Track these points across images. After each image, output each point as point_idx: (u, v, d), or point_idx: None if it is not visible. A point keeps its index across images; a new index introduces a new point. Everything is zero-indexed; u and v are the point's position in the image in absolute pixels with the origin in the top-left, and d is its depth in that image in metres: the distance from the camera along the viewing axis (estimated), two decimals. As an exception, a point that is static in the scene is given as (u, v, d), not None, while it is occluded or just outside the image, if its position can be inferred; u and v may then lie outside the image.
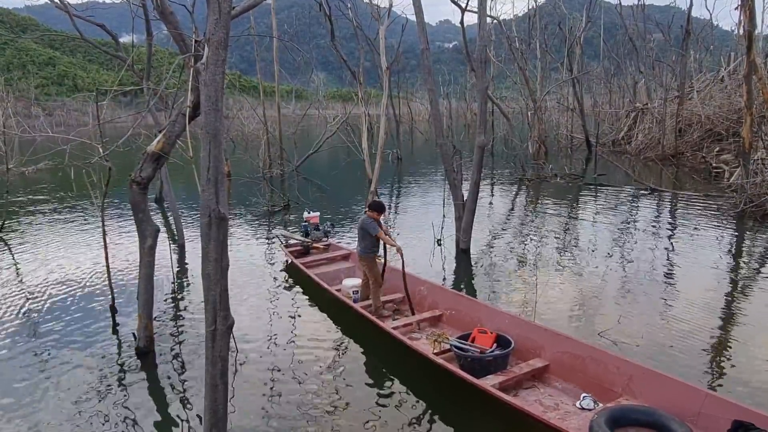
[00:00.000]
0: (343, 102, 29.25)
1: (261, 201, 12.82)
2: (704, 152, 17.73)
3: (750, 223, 10.16)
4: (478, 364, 4.45)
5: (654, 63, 27.69)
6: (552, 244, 9.43)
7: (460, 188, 8.86)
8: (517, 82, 25.46)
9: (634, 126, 23.02)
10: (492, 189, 15.72)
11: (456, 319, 5.48)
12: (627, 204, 12.93)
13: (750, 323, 6.03)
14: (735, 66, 19.97)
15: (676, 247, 9.16)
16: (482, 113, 8.50)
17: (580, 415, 3.89)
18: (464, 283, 7.62)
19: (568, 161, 19.85)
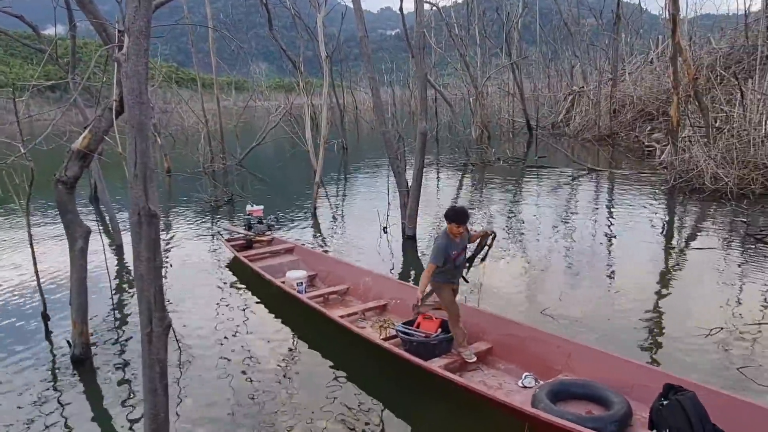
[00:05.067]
0: (286, 93, 28.73)
1: (203, 196, 12.48)
2: (637, 132, 18.50)
3: (680, 198, 10.71)
4: (424, 348, 4.50)
5: (588, 47, 28.61)
6: (497, 227, 9.62)
7: (404, 175, 8.89)
8: (459, 68, 25.74)
9: (572, 109, 23.76)
10: (438, 175, 15.89)
11: (401, 308, 5.51)
12: (567, 184, 13.35)
13: (682, 294, 6.37)
14: (662, 48, 20.87)
15: (614, 223, 9.55)
16: (423, 100, 8.53)
17: (522, 392, 4.01)
18: (410, 270, 7.67)
19: (511, 145, 20.32)
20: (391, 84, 27.88)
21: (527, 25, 33.76)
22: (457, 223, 4.49)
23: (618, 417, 3.43)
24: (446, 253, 4.47)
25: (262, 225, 8.12)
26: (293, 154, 19.93)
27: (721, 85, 14.64)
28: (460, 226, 4.49)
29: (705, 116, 12.06)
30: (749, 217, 8.81)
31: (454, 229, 4.50)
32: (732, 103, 12.52)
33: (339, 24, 17.17)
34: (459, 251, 4.61)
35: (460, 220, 4.49)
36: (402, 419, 4.04)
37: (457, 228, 4.49)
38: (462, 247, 4.63)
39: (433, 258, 4.50)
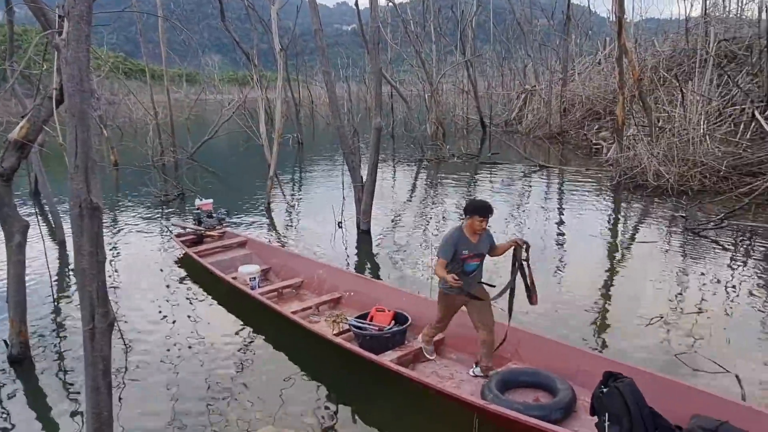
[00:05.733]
0: (240, 86, 28.19)
1: (153, 190, 12.11)
2: (586, 130, 19.09)
3: (625, 194, 11.12)
4: (377, 341, 4.52)
5: (540, 47, 29.29)
6: (451, 222, 9.76)
7: (359, 170, 8.88)
8: (414, 65, 25.88)
9: (524, 107, 24.29)
10: (394, 170, 15.95)
11: (355, 300, 5.52)
12: (519, 180, 13.66)
13: (626, 285, 6.64)
14: (610, 50, 21.56)
15: (564, 218, 9.86)
16: (377, 95, 8.55)
17: (473, 381, 4.09)
18: (365, 263, 7.69)
19: (465, 142, 20.61)
20: (347, 79, 27.77)
21: (481, 24, 34.22)
22: (480, 216, 3.87)
23: (563, 404, 3.56)
24: (455, 247, 3.90)
25: (213, 219, 7.95)
26: (247, 149, 19.60)
27: (663, 86, 15.28)
28: (484, 220, 3.89)
29: (648, 116, 12.56)
30: (688, 212, 9.25)
31: (476, 225, 3.89)
32: (673, 104, 13.08)
33: (294, 17, 16.96)
34: (473, 254, 3.97)
35: (483, 213, 3.88)
36: (355, 414, 4.05)
37: (480, 222, 3.88)
38: (478, 252, 4.01)
39: (441, 251, 3.95)
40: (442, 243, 3.99)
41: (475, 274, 4.07)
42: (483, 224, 3.93)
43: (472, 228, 3.95)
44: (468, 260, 3.99)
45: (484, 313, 4.06)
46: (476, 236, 3.99)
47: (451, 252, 3.91)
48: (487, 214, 3.91)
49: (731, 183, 10.21)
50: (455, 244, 3.92)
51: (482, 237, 4.03)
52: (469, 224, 3.95)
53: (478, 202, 4.03)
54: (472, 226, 3.94)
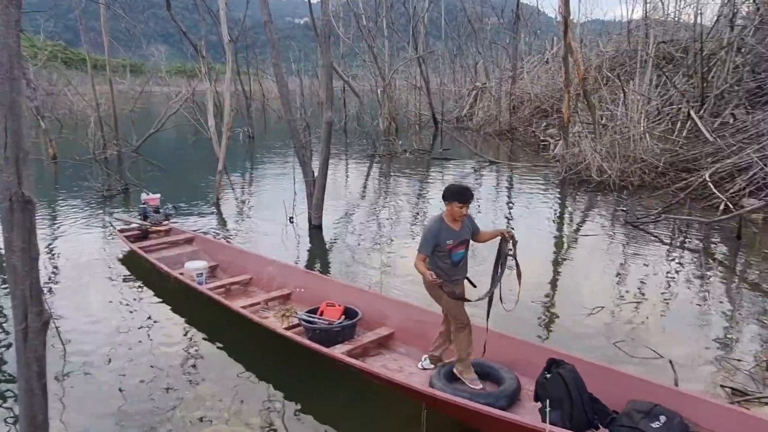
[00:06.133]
0: (188, 78, 27.43)
1: (95, 185, 11.64)
2: (534, 127, 19.60)
3: (570, 189, 11.49)
4: (326, 335, 4.51)
5: (491, 45, 29.83)
6: (403, 217, 9.83)
7: (310, 165, 8.81)
8: (367, 60, 25.86)
9: (475, 104, 24.70)
10: (346, 165, 15.91)
11: (305, 297, 5.48)
12: (470, 176, 13.88)
13: (570, 277, 6.87)
14: (557, 49, 22.20)
15: (513, 213, 10.09)
16: (329, 89, 8.49)
17: (422, 374, 4.14)
18: (316, 259, 7.65)
19: (417, 137, 20.75)
20: (299, 73, 27.38)
21: (434, 21, 34.53)
22: (460, 201, 3.67)
23: (508, 392, 3.66)
24: (437, 239, 3.70)
25: (159, 214, 7.71)
26: (195, 142, 19.11)
27: (607, 86, 15.86)
28: (464, 206, 3.69)
29: (592, 114, 13.01)
30: (628, 206, 9.65)
31: (456, 210, 3.69)
32: (616, 102, 13.59)
33: (244, 8, 16.62)
34: (457, 242, 3.78)
35: (463, 198, 3.67)
36: (306, 408, 4.03)
37: (460, 208, 3.68)
38: (463, 239, 3.83)
39: (421, 245, 3.73)
40: (423, 236, 3.75)
41: (462, 263, 3.88)
42: (464, 210, 3.71)
43: (453, 215, 3.74)
44: (454, 249, 3.78)
45: (459, 308, 3.91)
46: (458, 223, 3.79)
47: (432, 246, 3.70)
48: (467, 199, 3.70)
49: (668, 179, 10.71)
50: (436, 236, 3.70)
51: (464, 223, 3.83)
52: (449, 211, 3.76)
53: (456, 186, 3.77)
54: (452, 213, 3.74)
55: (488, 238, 4.00)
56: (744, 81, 12.66)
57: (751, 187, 8.91)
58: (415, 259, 3.73)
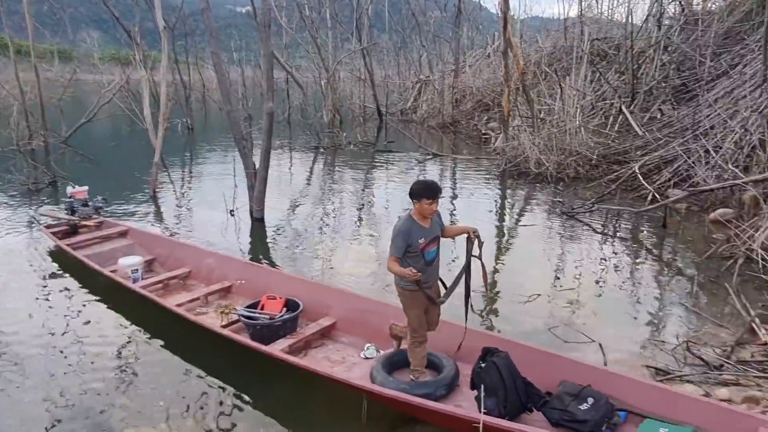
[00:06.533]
0: (122, 66, 26.21)
1: (19, 178, 10.97)
2: (476, 120, 19.96)
3: (510, 181, 11.79)
4: (267, 330, 4.45)
5: (434, 38, 30.09)
6: (348, 209, 9.81)
7: (251, 157, 8.63)
8: (310, 51, 25.56)
9: (419, 97, 24.89)
10: (290, 158, 15.70)
11: (246, 289, 5.38)
12: (414, 168, 13.99)
13: (509, 265, 7.06)
14: (498, 44, 22.65)
15: (456, 204, 10.25)
16: (269, 79, 8.32)
17: (364, 363, 4.16)
18: (258, 252, 7.52)
19: (362, 129, 20.71)
20: (241, 63, 26.74)
21: (378, 13, 34.54)
22: (429, 198, 3.51)
23: (447, 380, 3.73)
24: (409, 239, 3.53)
25: (88, 208, 7.35)
26: (131, 133, 18.34)
27: (545, 81, 16.35)
28: (434, 202, 3.54)
29: (531, 108, 13.37)
30: (564, 197, 10.00)
31: (425, 208, 3.54)
32: (553, 97, 14.03)
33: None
34: (429, 239, 3.62)
35: (433, 194, 3.53)
36: (246, 405, 3.96)
37: (430, 205, 3.53)
38: (434, 236, 3.68)
39: (393, 247, 3.55)
40: (394, 238, 3.57)
41: (435, 263, 3.74)
42: (434, 206, 3.56)
43: (423, 212, 3.58)
44: (426, 248, 3.62)
45: (433, 313, 3.83)
46: (428, 220, 3.64)
47: (404, 247, 3.53)
48: (436, 195, 3.56)
49: (601, 170, 11.16)
50: (407, 236, 3.53)
51: (433, 219, 3.68)
52: (418, 209, 3.58)
53: (424, 183, 3.61)
54: (421, 210, 3.57)
55: (454, 234, 3.93)
56: (670, 78, 13.33)
57: (676, 179, 9.42)
58: (387, 264, 3.60)
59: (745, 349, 4.41)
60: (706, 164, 8.81)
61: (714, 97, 10.55)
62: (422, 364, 3.85)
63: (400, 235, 3.53)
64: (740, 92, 9.77)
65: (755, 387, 3.80)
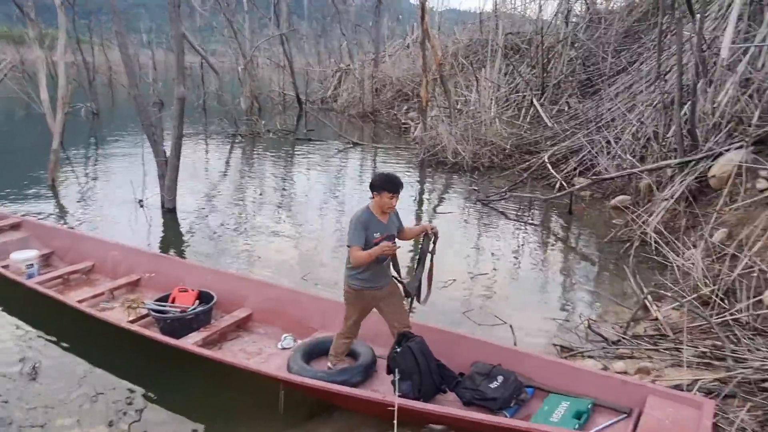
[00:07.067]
0: (16, 44, 24.08)
1: None
2: (396, 110, 20.14)
3: (429, 170, 12.01)
4: (179, 323, 4.27)
5: (355, 27, 30.00)
6: (266, 198, 9.61)
7: (161, 144, 8.22)
8: (226, 35, 24.65)
9: (339, 85, 24.75)
10: (205, 145, 15.13)
11: (156, 282, 5.13)
12: (335, 157, 13.94)
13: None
14: (417, 35, 22.93)
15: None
16: (180, 62, 7.94)
17: (281, 354, 4.10)
18: (170, 244, 7.21)
19: (281, 118, 20.31)
20: (151, 45, 25.31)
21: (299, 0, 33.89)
22: (390, 192, 3.41)
23: (364, 367, 3.76)
24: (365, 231, 3.39)
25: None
26: (26, 117, 16.93)
27: (462, 72, 16.74)
28: (394, 197, 3.44)
29: (448, 98, 13.66)
30: (480, 186, 10.34)
31: (385, 202, 3.42)
32: (470, 89, 14.41)
33: (82, -31, 14.93)
34: (385, 235, 3.49)
35: (394, 188, 3.43)
36: (159, 402, 3.81)
37: (390, 199, 3.42)
38: (391, 234, 3.56)
39: (352, 237, 3.40)
40: (352, 228, 3.43)
41: (387, 262, 3.62)
42: (393, 201, 3.46)
43: (382, 206, 3.46)
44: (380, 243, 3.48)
45: (400, 312, 3.70)
46: (386, 216, 3.52)
47: (363, 236, 3.37)
48: (398, 189, 3.45)
49: (514, 160, 11.62)
50: (365, 227, 3.40)
51: (391, 216, 3.58)
52: (377, 202, 3.46)
53: (386, 176, 3.50)
54: (381, 204, 3.45)
55: (413, 235, 3.85)
56: (576, 73, 14.08)
57: (581, 168, 9.98)
58: (350, 255, 3.43)
59: (639, 325, 4.76)
60: (607, 154, 9.39)
61: (615, 91, 11.26)
62: (342, 353, 3.84)
63: (359, 225, 3.41)
64: (637, 88, 10.48)
65: (647, 359, 4.11)
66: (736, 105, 7.15)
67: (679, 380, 3.63)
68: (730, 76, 7.35)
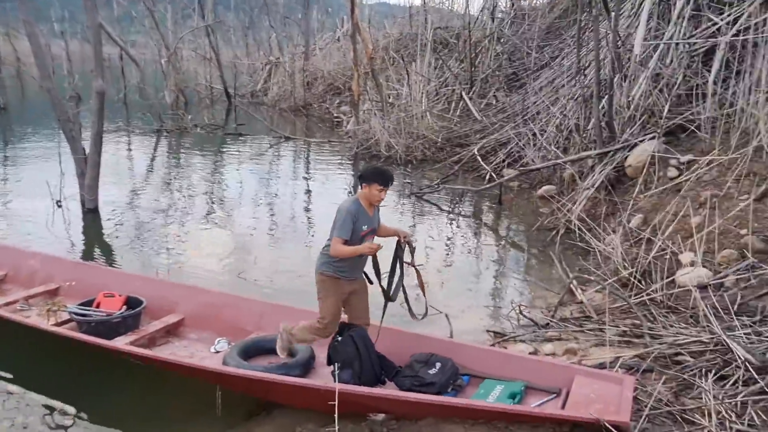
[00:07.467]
0: None
1: None
2: (328, 104, 20.03)
3: (363, 164, 12.02)
4: (104, 326, 4.06)
5: (284, 19, 29.46)
6: (197, 196, 9.30)
7: (79, 140, 7.77)
8: (147, 26, 23.55)
9: (269, 79, 24.29)
10: (129, 141, 14.42)
11: (77, 290, 4.79)
12: (267, 152, 13.71)
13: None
14: (347, 28, 22.84)
15: (310, 188, 10.25)
16: (98, 54, 7.52)
17: (215, 357, 3.99)
18: (93, 247, 6.84)
19: (209, 112, 19.72)
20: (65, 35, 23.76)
21: (225, -10, 32.88)
22: (381, 184, 3.34)
23: (302, 362, 3.74)
24: (354, 222, 3.31)
25: None
26: None
27: (393, 66, 16.85)
28: (384, 190, 3.38)
29: (380, 92, 13.71)
30: (413, 179, 10.48)
31: (375, 194, 3.36)
32: (401, 82, 14.52)
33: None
34: (371, 228, 3.48)
35: (385, 181, 3.36)
36: (88, 410, 3.60)
37: (380, 192, 3.37)
38: (374, 227, 3.54)
39: (339, 228, 3.30)
40: (340, 218, 3.32)
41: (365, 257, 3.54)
42: (383, 195, 3.41)
43: (370, 198, 3.41)
44: (368, 237, 3.45)
45: (365, 309, 3.69)
46: (372, 209, 3.48)
47: (350, 229, 3.30)
48: (389, 183, 3.40)
49: (445, 153, 11.84)
50: (354, 219, 3.31)
51: (375, 210, 3.54)
52: (366, 193, 3.41)
53: (378, 168, 3.51)
54: (370, 196, 3.40)
55: (386, 234, 3.78)
56: (503, 67, 14.52)
57: (509, 160, 10.31)
58: (332, 246, 3.33)
59: (566, 308, 5.01)
60: (534, 146, 9.75)
61: (539, 85, 11.70)
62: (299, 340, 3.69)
63: (348, 216, 3.30)
64: (560, 82, 10.93)
65: (573, 340, 4.33)
66: (648, 99, 7.62)
67: (602, 358, 3.85)
68: (643, 71, 7.82)
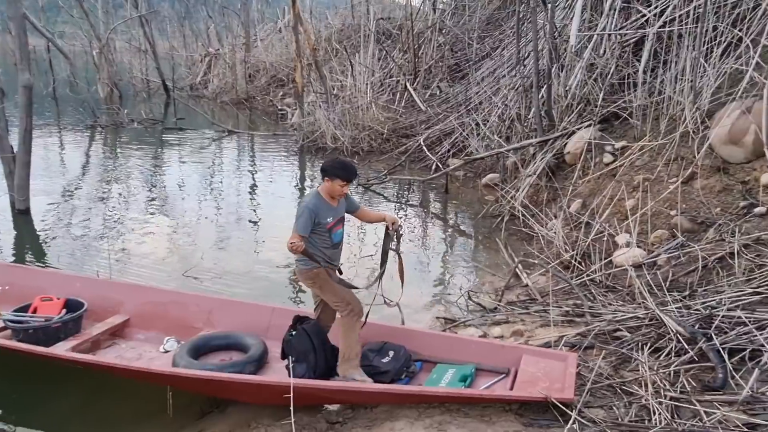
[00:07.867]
0: None
1: None
2: (271, 96, 19.69)
3: (309, 156, 11.95)
4: (43, 333, 3.87)
5: (222, 10, 28.65)
6: (136, 193, 8.97)
7: (7, 138, 7.34)
8: (75, 15, 22.39)
9: (209, 71, 23.63)
10: (60, 138, 13.72)
11: (11, 295, 4.55)
12: (210, 146, 13.37)
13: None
14: (289, 19, 22.48)
15: (257, 182, 10.09)
16: (22, 46, 7.10)
17: (164, 357, 3.90)
18: (25, 250, 6.51)
19: (146, 106, 18.99)
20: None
21: (157, -22, 31.56)
22: (343, 180, 3.34)
23: (255, 358, 3.70)
24: (317, 217, 3.34)
25: None
26: None
27: (336, 57, 16.75)
28: (346, 185, 3.38)
29: (324, 84, 13.62)
30: (360, 170, 10.47)
31: (336, 189, 3.36)
32: (345, 74, 14.45)
33: None
34: (337, 219, 3.48)
35: (347, 177, 3.36)
36: (29, 422, 3.47)
37: (342, 187, 3.37)
38: (341, 217, 3.54)
39: (299, 224, 3.28)
40: (301, 214, 3.31)
41: (340, 245, 3.60)
42: (345, 189, 3.41)
43: (332, 192, 3.41)
44: (334, 228, 3.48)
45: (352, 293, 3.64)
46: (336, 200, 3.48)
47: (311, 225, 3.32)
48: (351, 178, 3.40)
49: (392, 144, 11.91)
50: (315, 213, 3.34)
51: (340, 200, 3.54)
52: (327, 187, 3.40)
53: (342, 162, 3.50)
54: (331, 190, 3.39)
55: (372, 220, 3.86)
56: (445, 58, 14.70)
57: (454, 149, 10.50)
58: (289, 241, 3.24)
59: (512, 292, 5.18)
60: (477, 135, 9.96)
61: (481, 76, 11.93)
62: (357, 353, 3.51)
63: (306, 212, 3.31)
64: (501, 72, 11.19)
65: (520, 322, 4.50)
66: (584, 88, 7.92)
67: (548, 338, 4.02)
68: (578, 61, 8.12)
